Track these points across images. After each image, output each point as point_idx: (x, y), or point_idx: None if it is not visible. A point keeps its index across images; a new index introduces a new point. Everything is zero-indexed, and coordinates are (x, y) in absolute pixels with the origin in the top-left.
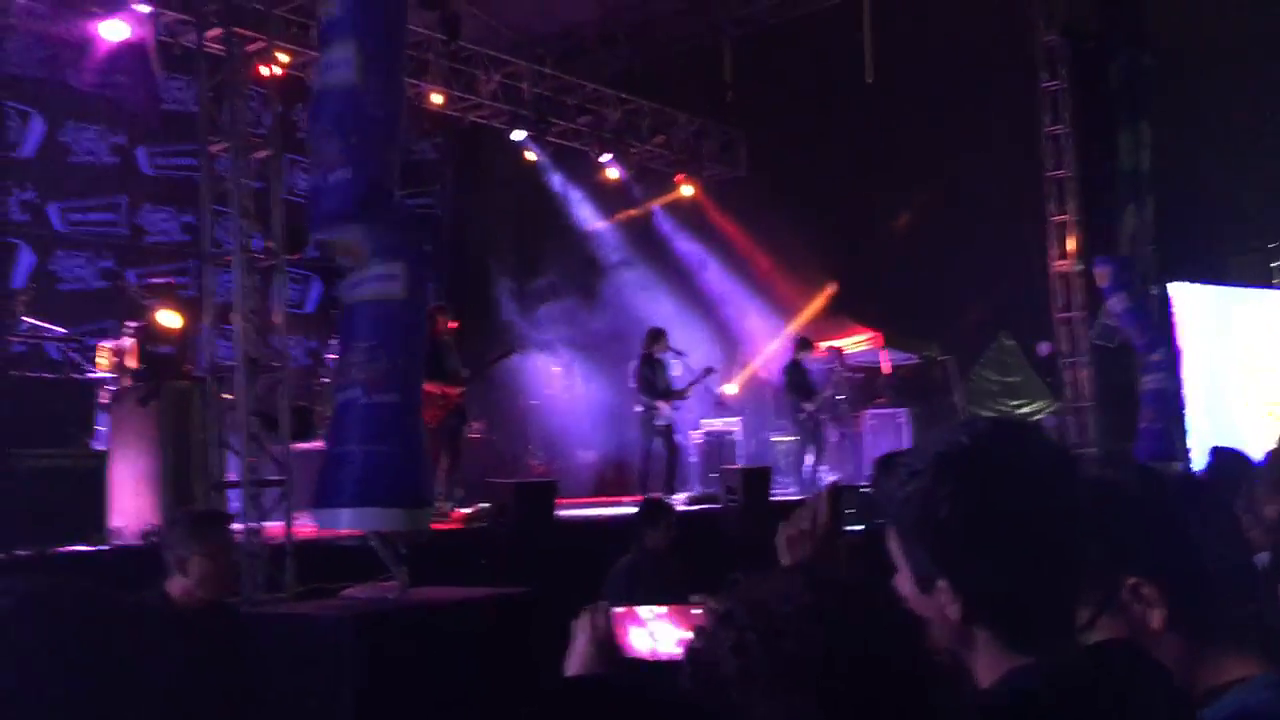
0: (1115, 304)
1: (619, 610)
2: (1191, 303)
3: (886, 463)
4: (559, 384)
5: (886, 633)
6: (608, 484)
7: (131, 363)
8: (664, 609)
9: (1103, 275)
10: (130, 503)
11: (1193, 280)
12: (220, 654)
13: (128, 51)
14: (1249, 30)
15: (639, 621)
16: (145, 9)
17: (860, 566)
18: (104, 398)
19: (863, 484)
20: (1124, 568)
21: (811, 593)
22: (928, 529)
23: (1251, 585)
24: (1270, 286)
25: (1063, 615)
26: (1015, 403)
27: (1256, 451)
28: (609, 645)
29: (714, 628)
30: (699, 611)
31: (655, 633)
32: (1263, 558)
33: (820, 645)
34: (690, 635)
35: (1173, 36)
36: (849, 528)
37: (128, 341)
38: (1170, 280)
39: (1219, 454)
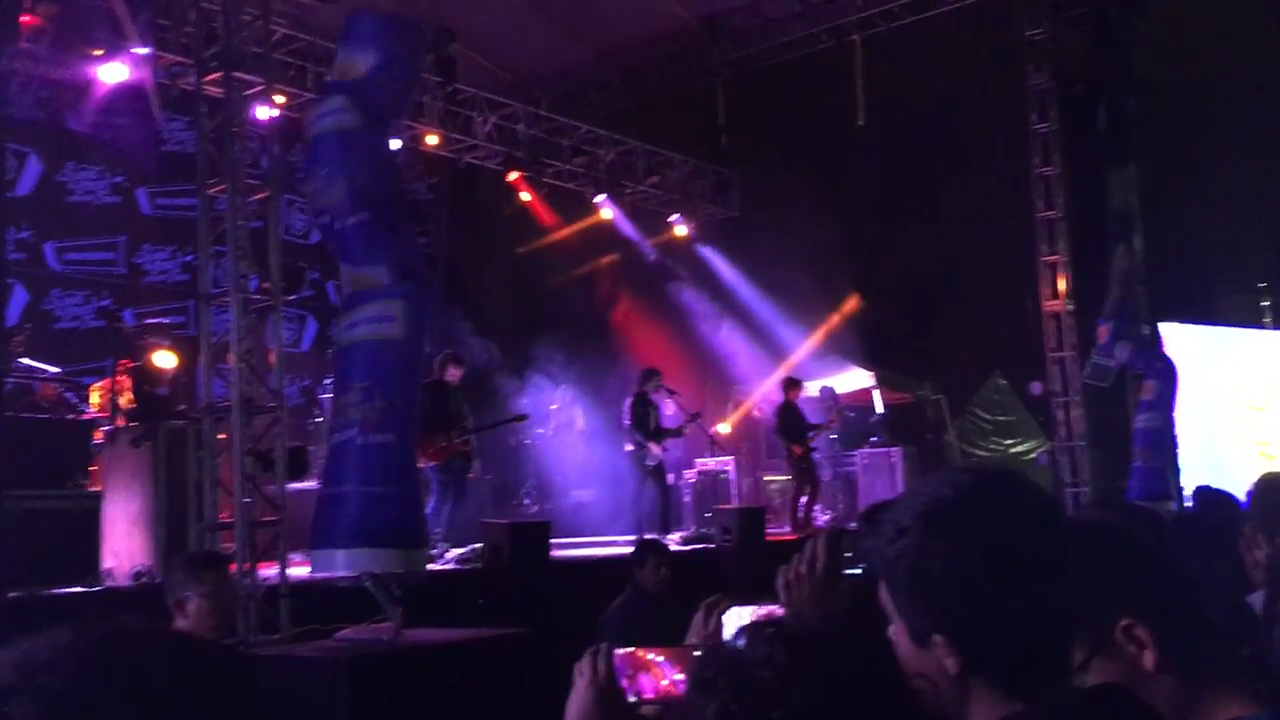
0: (1120, 351)
1: (622, 652)
2: (1182, 342)
3: (870, 517)
4: (554, 423)
5: (870, 688)
6: (603, 524)
7: (126, 403)
8: (663, 652)
9: (1103, 333)
10: (123, 544)
11: (1182, 320)
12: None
13: (127, 93)
14: (1236, 73)
15: (644, 664)
16: (144, 51)
17: (862, 609)
18: (99, 438)
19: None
20: (1116, 609)
21: (786, 651)
22: (920, 586)
23: (1247, 625)
24: (1259, 326)
25: (1057, 660)
26: (1008, 442)
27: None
28: (609, 689)
29: (695, 696)
30: (699, 654)
31: (660, 674)
32: (1257, 598)
33: (807, 710)
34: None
35: (1161, 79)
36: (849, 570)
37: (108, 382)
38: (1160, 320)
39: (1205, 493)
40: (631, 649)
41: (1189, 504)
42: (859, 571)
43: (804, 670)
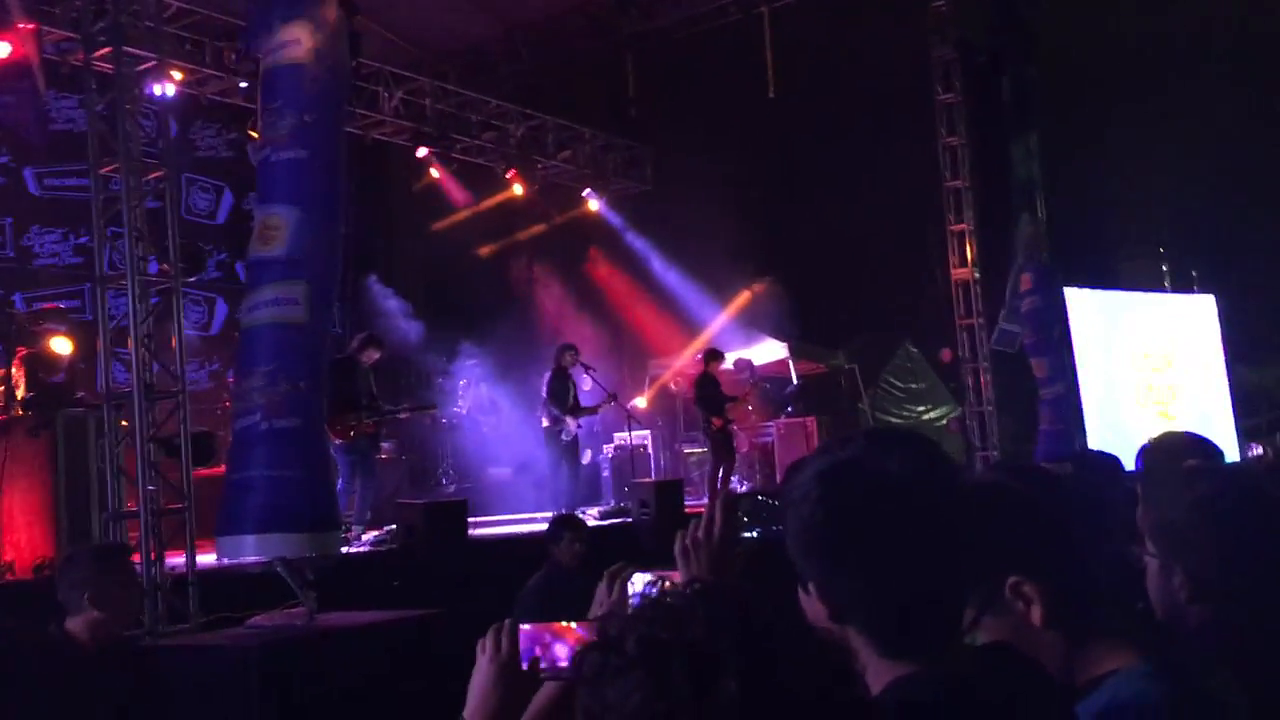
0: (1028, 304)
1: (529, 628)
2: (1084, 307)
3: (789, 470)
4: (468, 402)
5: (800, 649)
6: (521, 501)
7: (21, 391)
8: (577, 624)
9: (1026, 280)
10: (23, 535)
11: (1085, 285)
12: (127, 691)
13: (12, 70)
14: (1136, 41)
15: (559, 632)
16: (29, 26)
17: (756, 574)
18: None
19: (759, 492)
20: (1005, 567)
21: (695, 593)
22: (798, 534)
23: (1133, 581)
24: (1160, 290)
25: (942, 622)
26: (920, 409)
27: None
28: (511, 664)
29: (617, 669)
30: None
31: (577, 641)
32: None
33: (747, 673)
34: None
35: (1062, 48)
36: (746, 534)
37: (15, 368)
38: (1064, 285)
39: (1084, 456)
40: (543, 624)
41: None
42: (754, 535)
43: (711, 599)
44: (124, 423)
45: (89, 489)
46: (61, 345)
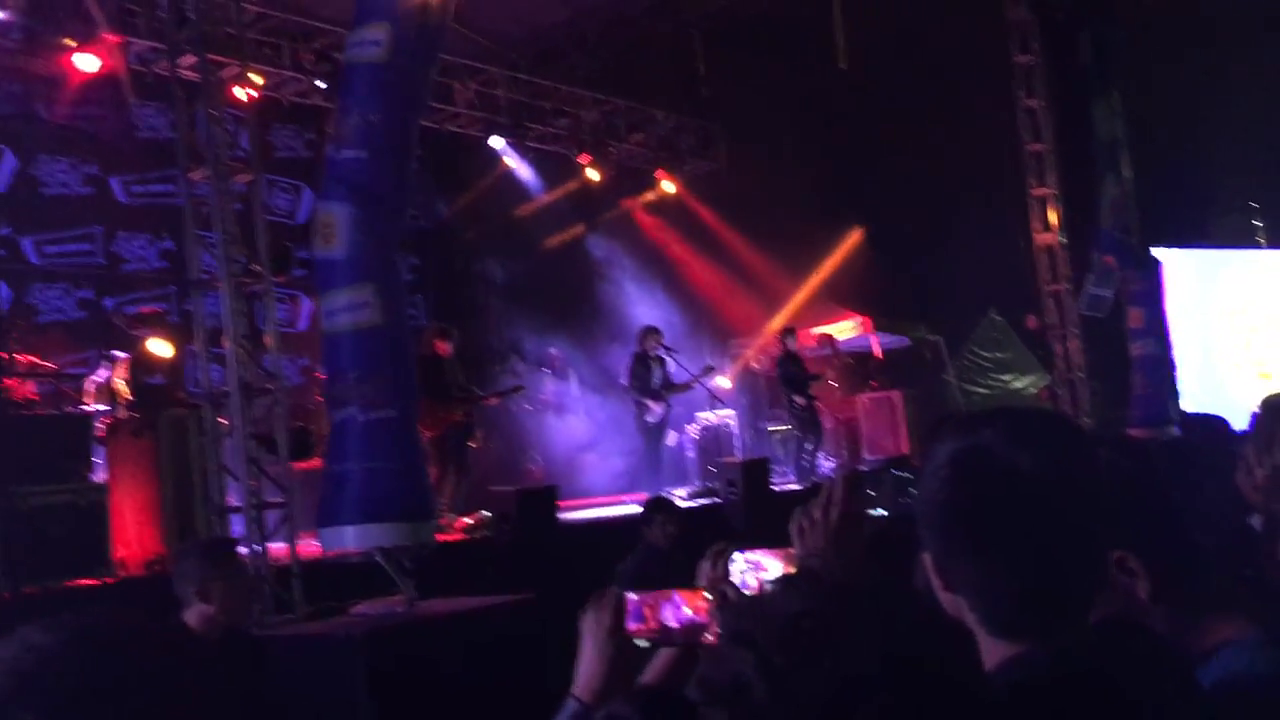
0: (1107, 282)
1: (635, 597)
2: (1176, 267)
3: (932, 430)
4: (554, 387)
5: (912, 635)
6: (611, 484)
7: (124, 393)
8: (677, 591)
9: (1110, 262)
10: (133, 534)
11: (1177, 245)
12: (244, 681)
13: (100, 82)
14: None
15: (663, 597)
16: (116, 39)
17: (880, 553)
18: (99, 430)
19: (891, 465)
20: (1109, 542)
21: (821, 602)
22: (923, 506)
23: (1246, 548)
24: (1254, 246)
25: (1058, 610)
26: (1007, 378)
27: (1248, 412)
28: (618, 634)
29: (727, 649)
30: (726, 604)
31: (683, 604)
32: (1259, 520)
33: (857, 663)
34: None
35: (1139, 3)
36: (871, 512)
37: (103, 374)
38: (1154, 245)
39: (1193, 419)
40: (647, 592)
41: None
42: (882, 514)
43: (848, 618)
44: (223, 421)
45: (193, 486)
46: (160, 348)
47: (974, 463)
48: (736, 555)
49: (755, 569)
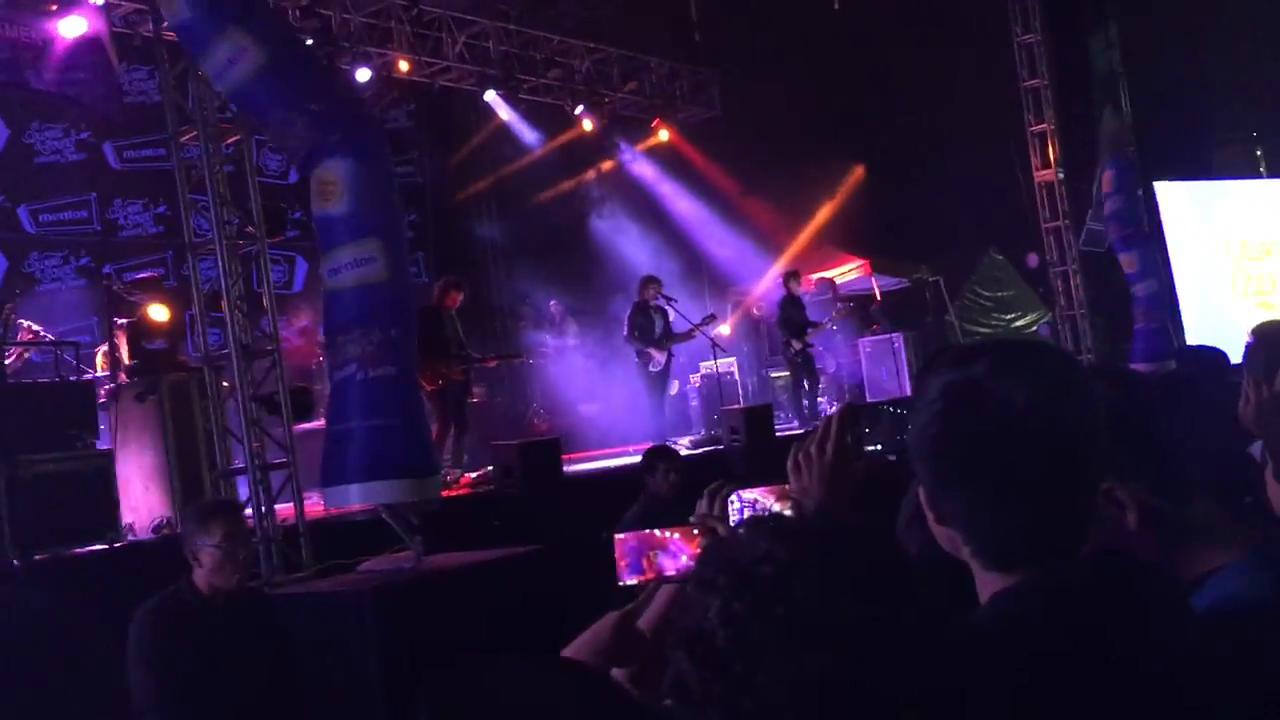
0: (1110, 205)
1: (630, 536)
2: (1176, 200)
3: (926, 364)
4: (552, 341)
5: (881, 579)
6: (613, 435)
7: (125, 360)
8: (675, 531)
9: (1108, 179)
10: (140, 498)
11: (1176, 178)
12: (251, 638)
13: (86, 47)
14: None
15: (659, 543)
16: (99, 1)
17: (877, 489)
18: (102, 397)
19: (888, 402)
20: (1102, 474)
21: (786, 547)
22: (916, 438)
23: (1245, 477)
24: (1255, 176)
25: (1050, 542)
26: (1009, 316)
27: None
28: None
29: (695, 597)
30: (701, 549)
31: (680, 551)
32: (1258, 448)
33: (812, 602)
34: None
35: None
36: (869, 448)
37: (118, 338)
38: (1154, 179)
39: (1188, 352)
40: (643, 531)
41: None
42: (878, 449)
43: (803, 565)
44: (224, 384)
45: (197, 449)
46: (159, 313)
47: (966, 395)
48: (735, 494)
49: (752, 507)
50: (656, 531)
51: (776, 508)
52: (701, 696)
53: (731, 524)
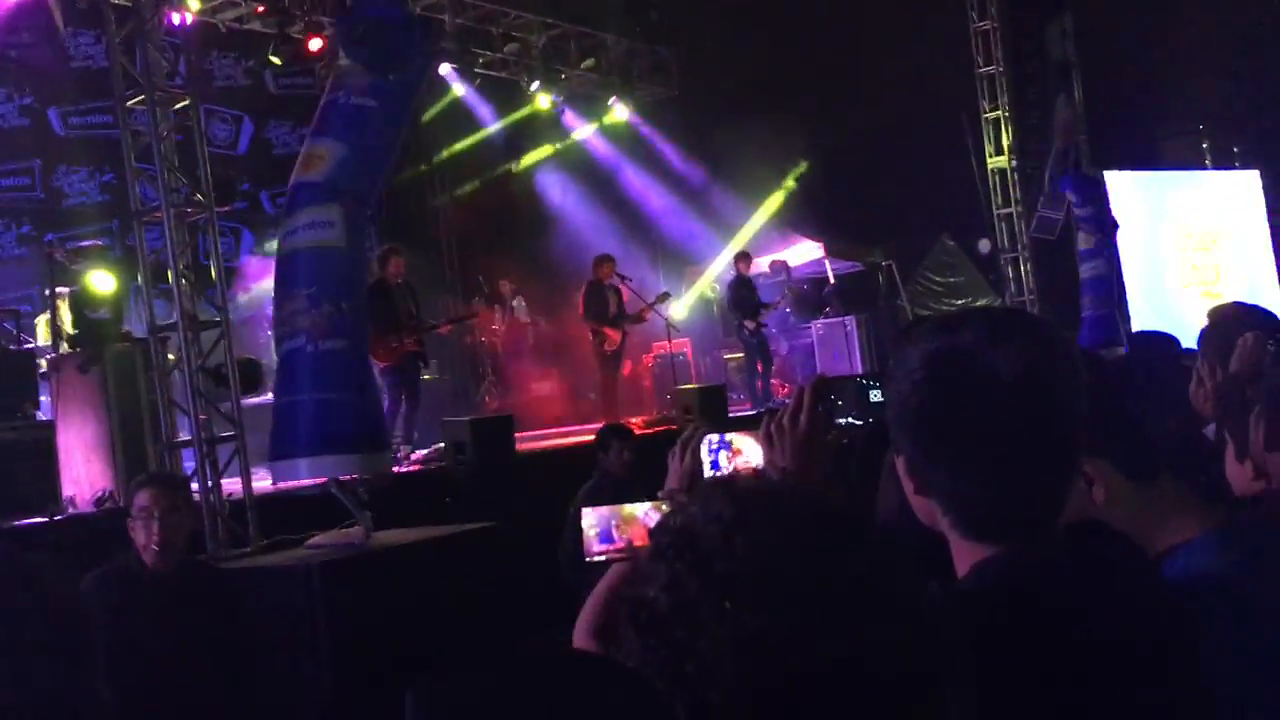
0: (1059, 204)
1: (607, 513)
2: (1124, 189)
3: (903, 333)
4: (504, 319)
5: (827, 537)
6: (564, 414)
7: (67, 329)
8: (641, 506)
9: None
10: (82, 470)
11: (1126, 167)
12: (202, 610)
13: (29, 9)
14: None
15: (630, 516)
16: None
17: (850, 462)
18: (42, 367)
19: (862, 376)
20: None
21: (733, 505)
22: (896, 408)
23: (1201, 455)
24: (1202, 168)
25: (1029, 512)
26: (960, 302)
27: (1195, 330)
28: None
29: (645, 566)
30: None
31: (648, 523)
32: (1211, 430)
33: (752, 560)
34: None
35: None
36: (841, 420)
37: (59, 308)
38: (1104, 168)
39: (1140, 337)
40: (614, 506)
41: None
42: (853, 421)
43: (749, 523)
44: (170, 355)
45: (141, 422)
46: (103, 281)
47: (951, 364)
48: (706, 438)
49: (726, 446)
50: (626, 506)
51: (749, 444)
52: (643, 664)
53: (708, 464)
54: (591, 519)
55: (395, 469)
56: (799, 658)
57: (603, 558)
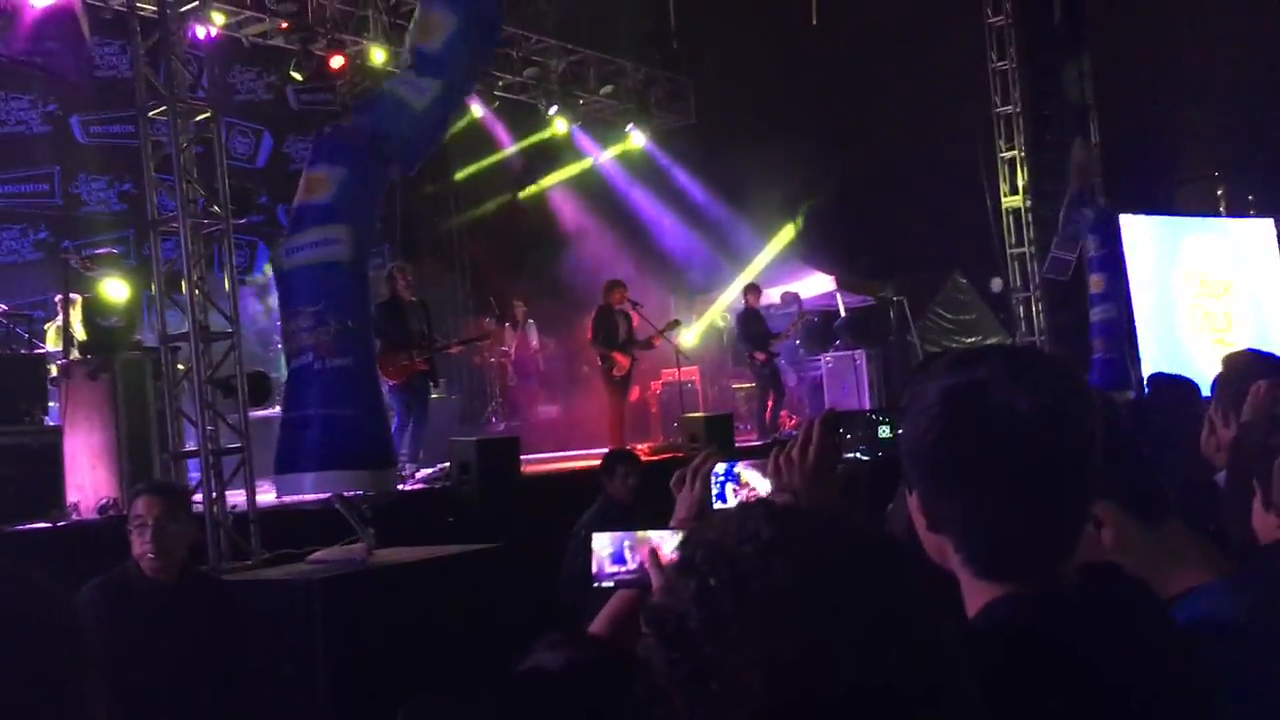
0: (1071, 245)
1: (620, 534)
2: (1138, 233)
3: (918, 369)
4: (515, 342)
5: (862, 563)
6: (570, 439)
7: (79, 336)
8: (654, 531)
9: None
10: (87, 477)
11: (1139, 211)
12: (205, 621)
13: (57, 17)
14: None
15: (643, 541)
16: None
17: (857, 496)
18: (52, 373)
19: (872, 411)
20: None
21: (771, 526)
22: (911, 443)
23: (1211, 502)
24: (1216, 214)
25: (1043, 553)
26: (970, 340)
27: (1206, 376)
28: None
29: (673, 579)
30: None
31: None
32: (1222, 477)
33: (790, 582)
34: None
35: None
36: (849, 454)
37: (64, 319)
38: (1118, 212)
39: (1159, 380)
40: (626, 531)
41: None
42: (859, 456)
43: (787, 544)
44: (180, 365)
45: (148, 430)
46: (116, 289)
47: (969, 400)
48: (720, 466)
49: (734, 480)
50: (639, 531)
51: (755, 477)
52: (667, 678)
53: (713, 494)
54: (604, 540)
55: (400, 487)
56: (828, 680)
57: (611, 583)
